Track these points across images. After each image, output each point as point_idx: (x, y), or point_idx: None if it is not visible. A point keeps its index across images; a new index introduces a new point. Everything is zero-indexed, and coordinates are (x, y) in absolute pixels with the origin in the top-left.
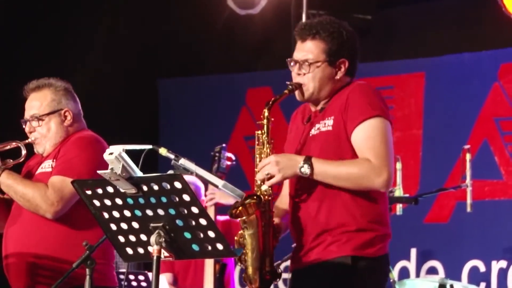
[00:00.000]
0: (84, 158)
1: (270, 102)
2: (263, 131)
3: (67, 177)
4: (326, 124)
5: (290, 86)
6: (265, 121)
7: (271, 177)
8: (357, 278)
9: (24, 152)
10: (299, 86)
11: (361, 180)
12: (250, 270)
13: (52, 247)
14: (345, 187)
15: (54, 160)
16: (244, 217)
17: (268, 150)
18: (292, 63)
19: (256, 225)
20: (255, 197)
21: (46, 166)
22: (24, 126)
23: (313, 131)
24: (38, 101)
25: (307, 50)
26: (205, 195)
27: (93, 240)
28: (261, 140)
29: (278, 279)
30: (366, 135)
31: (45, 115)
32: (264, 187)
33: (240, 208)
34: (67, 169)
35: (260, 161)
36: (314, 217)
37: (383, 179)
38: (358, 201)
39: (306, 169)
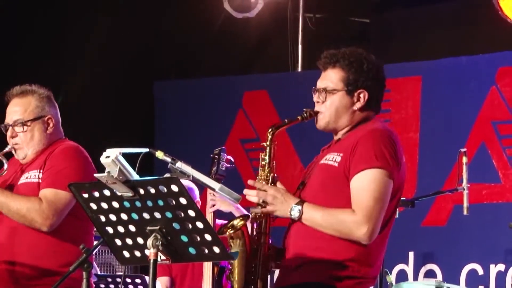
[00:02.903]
0: (73, 168)
1: (277, 126)
2: (265, 153)
3: (59, 189)
4: (334, 160)
5: (304, 114)
6: (268, 143)
7: (264, 203)
8: None
9: (6, 165)
10: (315, 114)
11: (343, 231)
12: None
13: (39, 256)
14: (330, 235)
15: (41, 171)
16: (230, 231)
17: (268, 173)
18: (314, 92)
19: (242, 243)
20: (243, 217)
21: (32, 176)
22: (4, 131)
23: (323, 160)
24: (22, 107)
25: (327, 78)
26: (200, 198)
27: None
28: (263, 162)
29: None
30: (361, 185)
31: (30, 121)
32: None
33: (230, 229)
34: (57, 181)
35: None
36: (300, 243)
37: (363, 232)
38: (344, 240)
39: (295, 213)
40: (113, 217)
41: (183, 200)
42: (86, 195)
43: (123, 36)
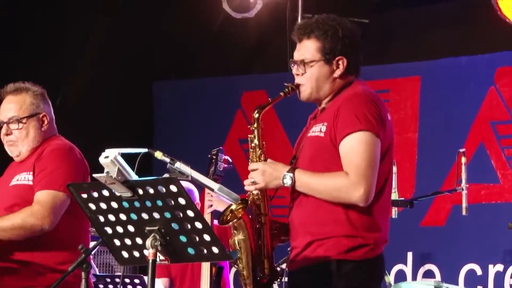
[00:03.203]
0: (64, 169)
1: (261, 106)
2: (254, 135)
3: (52, 189)
4: (320, 130)
5: (286, 89)
6: (255, 125)
7: (254, 182)
8: (342, 281)
9: None
10: (296, 87)
11: (338, 194)
12: (245, 274)
13: (36, 254)
14: (325, 199)
15: (31, 173)
16: (233, 221)
17: (259, 154)
18: (292, 64)
19: (245, 229)
20: (242, 201)
21: (22, 178)
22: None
23: (310, 133)
24: (17, 104)
25: (303, 50)
26: (200, 199)
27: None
28: (252, 144)
29: (277, 281)
30: (349, 149)
31: (25, 118)
32: (255, 191)
33: (229, 214)
34: (50, 182)
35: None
36: (304, 222)
37: (360, 193)
38: (347, 208)
39: (288, 181)
40: (112, 217)
41: (182, 201)
42: (85, 195)
43: (123, 36)
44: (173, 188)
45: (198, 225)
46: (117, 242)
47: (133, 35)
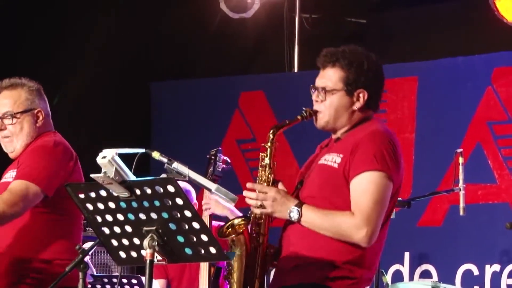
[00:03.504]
0: (43, 164)
1: (277, 127)
2: (266, 154)
3: (25, 180)
4: (334, 160)
5: (304, 113)
6: (269, 144)
7: (262, 207)
8: None
9: None
10: (314, 113)
11: (342, 233)
12: None
13: (33, 248)
14: (329, 237)
15: (15, 171)
16: (232, 236)
17: (269, 174)
18: (312, 90)
19: (243, 245)
20: (245, 218)
21: (8, 176)
22: None
23: (322, 160)
24: (12, 99)
25: (326, 77)
26: (197, 199)
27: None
28: (263, 163)
29: None
30: (360, 187)
31: (20, 113)
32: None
33: (230, 229)
34: (25, 174)
35: (259, 182)
36: (296, 243)
37: (363, 235)
38: (341, 241)
39: (295, 215)
40: (109, 218)
41: (179, 201)
42: (82, 196)
43: (121, 36)
44: (171, 188)
45: (196, 225)
46: (114, 243)
47: (131, 35)
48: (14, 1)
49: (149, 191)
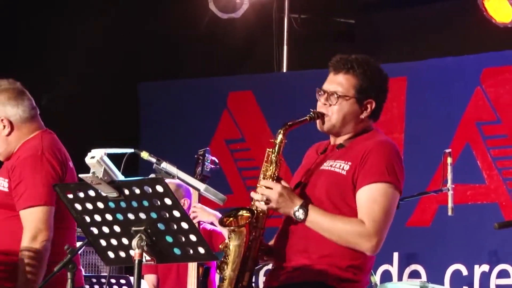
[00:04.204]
0: (39, 178)
1: (289, 124)
2: (273, 150)
3: (30, 206)
4: (342, 167)
5: (312, 114)
6: (278, 141)
7: (268, 201)
8: None
9: None
10: (322, 115)
11: (349, 240)
12: (226, 282)
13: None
14: (333, 241)
15: (6, 181)
16: (233, 227)
17: (275, 170)
18: (320, 93)
19: (243, 238)
20: (249, 210)
21: None
22: None
23: (325, 166)
24: None
25: (338, 83)
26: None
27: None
28: (269, 159)
29: None
30: (371, 197)
31: None
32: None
33: (232, 218)
34: (29, 198)
35: (264, 177)
36: (300, 243)
37: (371, 245)
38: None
39: (300, 215)
40: (98, 218)
41: (168, 201)
42: (71, 196)
43: (109, 37)
44: (159, 188)
45: (184, 225)
46: (103, 243)
47: (120, 36)
48: (4, 1)
49: (138, 191)
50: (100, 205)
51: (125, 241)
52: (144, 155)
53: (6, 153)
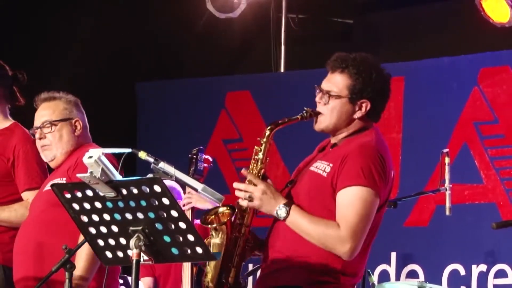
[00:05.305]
0: None
1: (277, 124)
2: (260, 148)
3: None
4: (324, 169)
5: (305, 113)
6: (264, 140)
7: (250, 199)
8: None
9: None
10: (315, 114)
11: (327, 244)
12: (209, 277)
13: None
14: (313, 243)
15: (64, 180)
16: (215, 225)
17: (260, 169)
18: (317, 91)
19: (224, 236)
20: (230, 207)
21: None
22: (33, 135)
23: (313, 166)
24: (50, 109)
25: (333, 82)
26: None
27: None
28: (256, 157)
29: None
30: (347, 201)
31: (58, 121)
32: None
33: (213, 216)
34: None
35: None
36: (282, 245)
37: (346, 249)
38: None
39: (282, 213)
40: (95, 218)
41: (165, 201)
42: (68, 195)
43: (106, 36)
44: (157, 188)
45: (182, 225)
46: (100, 242)
47: (117, 35)
48: (4, 1)
49: (135, 191)
50: (98, 205)
51: (123, 241)
52: (142, 155)
53: (65, 152)
